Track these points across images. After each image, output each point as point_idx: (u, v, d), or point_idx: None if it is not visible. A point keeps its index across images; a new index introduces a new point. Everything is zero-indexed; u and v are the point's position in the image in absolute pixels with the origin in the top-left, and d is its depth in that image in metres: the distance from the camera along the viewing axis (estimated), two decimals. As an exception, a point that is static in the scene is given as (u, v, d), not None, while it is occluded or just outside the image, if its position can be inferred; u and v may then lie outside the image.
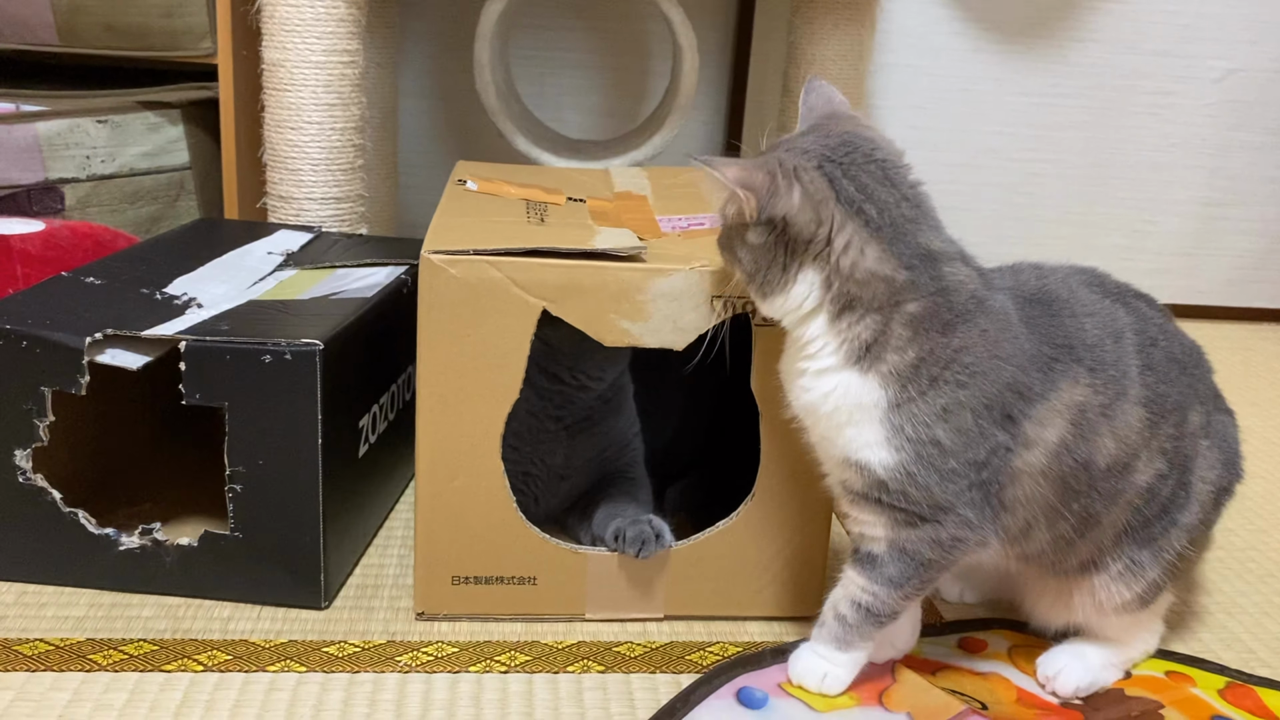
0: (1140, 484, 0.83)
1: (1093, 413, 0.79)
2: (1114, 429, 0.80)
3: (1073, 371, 0.79)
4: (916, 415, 0.76)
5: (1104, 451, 0.80)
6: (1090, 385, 0.79)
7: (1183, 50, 1.93)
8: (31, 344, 0.87)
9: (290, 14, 1.25)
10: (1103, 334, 0.82)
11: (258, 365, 0.86)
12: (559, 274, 0.85)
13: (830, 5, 1.45)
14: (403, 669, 0.86)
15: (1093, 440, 0.80)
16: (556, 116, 1.83)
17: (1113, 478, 0.81)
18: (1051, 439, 0.79)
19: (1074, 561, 0.86)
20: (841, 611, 0.84)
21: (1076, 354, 0.80)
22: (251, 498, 0.90)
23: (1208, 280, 2.07)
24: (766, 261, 0.77)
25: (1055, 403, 0.78)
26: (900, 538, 0.80)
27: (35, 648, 0.85)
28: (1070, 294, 0.84)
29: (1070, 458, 0.79)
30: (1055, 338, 0.80)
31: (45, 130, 1.31)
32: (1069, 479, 0.80)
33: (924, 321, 0.76)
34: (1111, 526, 0.84)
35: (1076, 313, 0.82)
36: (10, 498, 0.90)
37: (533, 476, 1.01)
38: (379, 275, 1.09)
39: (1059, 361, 0.79)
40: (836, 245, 0.76)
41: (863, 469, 0.79)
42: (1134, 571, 0.85)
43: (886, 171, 0.78)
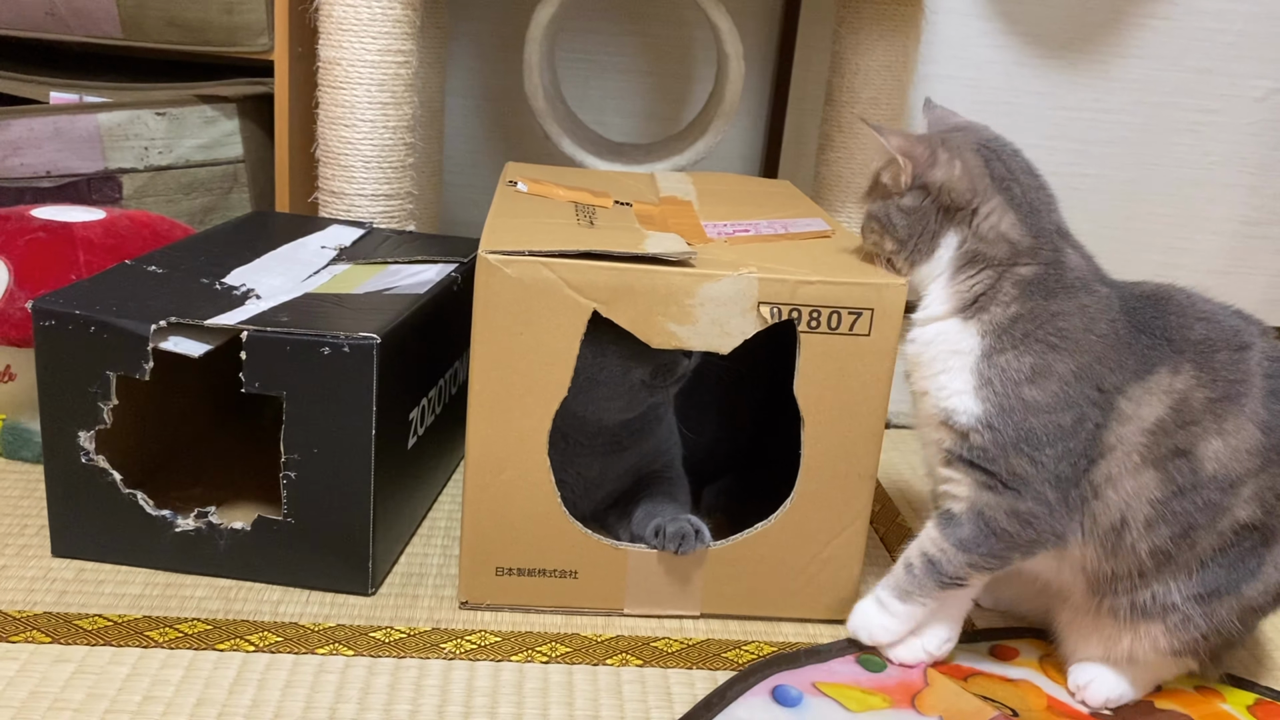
0: (1238, 519, 0.82)
1: (1198, 404, 0.82)
2: (1224, 433, 0.82)
3: (1172, 361, 0.83)
4: (1006, 368, 0.83)
5: (1211, 453, 0.82)
6: (1195, 377, 0.82)
7: (1226, 69, 1.92)
8: (99, 329, 0.90)
9: (347, 14, 1.28)
10: (1216, 339, 0.84)
11: (316, 356, 0.89)
12: (610, 276, 0.87)
13: (876, 16, 1.46)
14: (447, 656, 0.89)
15: (1198, 434, 0.81)
16: (599, 119, 1.86)
17: (1218, 491, 0.81)
18: (1148, 416, 0.81)
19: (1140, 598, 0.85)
20: (911, 561, 0.89)
21: (1178, 346, 0.83)
22: (304, 485, 0.92)
23: (1245, 299, 2.02)
24: (920, 226, 0.88)
25: (1152, 384, 0.82)
26: (980, 500, 0.84)
27: (95, 623, 0.88)
28: (1190, 303, 0.87)
29: (1171, 442, 0.81)
30: (1155, 330, 0.84)
31: (106, 121, 1.35)
32: (1171, 468, 0.81)
33: (1031, 284, 0.84)
34: (1198, 558, 0.83)
35: (1188, 316, 0.85)
36: (73, 478, 0.93)
37: (568, 484, 1.03)
38: (430, 272, 1.11)
39: (1156, 350, 0.83)
40: (982, 212, 0.86)
41: (950, 418, 0.85)
42: (1185, 625, 0.85)
43: (1029, 165, 0.91)
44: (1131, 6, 1.88)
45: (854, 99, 1.50)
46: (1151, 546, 0.83)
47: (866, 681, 0.90)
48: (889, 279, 0.90)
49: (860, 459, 0.93)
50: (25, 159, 1.32)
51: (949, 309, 0.86)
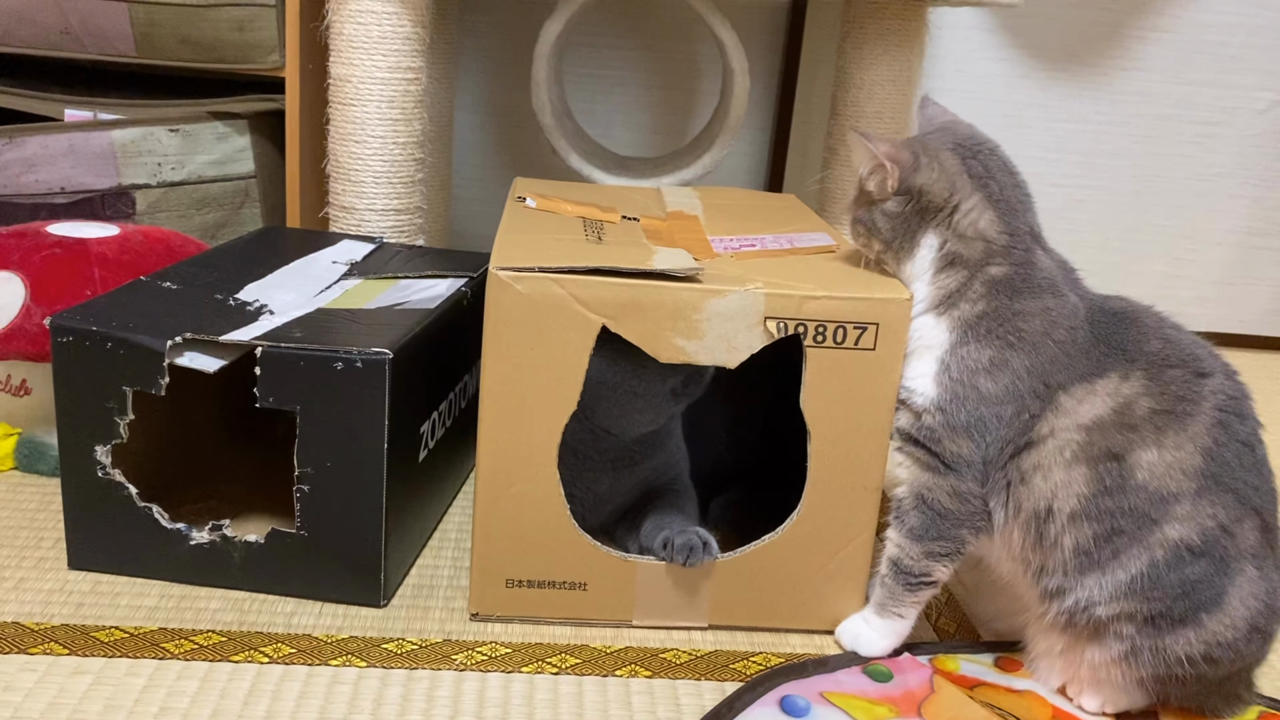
0: (1169, 537, 0.82)
1: (1140, 412, 0.83)
2: (1161, 446, 0.82)
3: (1123, 368, 0.85)
4: (965, 359, 0.87)
5: (1145, 462, 0.83)
6: (1143, 386, 0.84)
7: (1228, 81, 1.94)
8: (115, 345, 0.92)
9: (357, 31, 1.30)
10: (1172, 356, 0.86)
11: (329, 372, 0.90)
12: (619, 292, 0.88)
13: (880, 31, 1.48)
14: (458, 667, 0.90)
15: (1134, 441, 0.83)
16: (606, 133, 1.88)
17: (1145, 501, 0.82)
18: (1087, 414, 0.84)
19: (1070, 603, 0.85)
20: (881, 572, 0.94)
21: (1131, 356, 0.86)
22: (318, 498, 0.94)
23: (1248, 309, 2.08)
24: (903, 228, 0.90)
25: (1099, 385, 0.85)
26: (920, 482, 0.89)
27: (111, 634, 0.89)
28: (1157, 323, 0.89)
29: (1105, 443, 0.83)
30: (1114, 341, 0.87)
31: (120, 138, 1.37)
32: (1101, 469, 0.83)
33: (999, 284, 0.88)
34: (1125, 570, 0.83)
35: (1150, 333, 0.87)
36: (90, 491, 0.95)
37: (577, 499, 1.04)
38: (440, 287, 1.13)
39: (1110, 358, 0.86)
40: (961, 209, 0.89)
41: (910, 398, 0.89)
42: (1134, 657, 0.84)
43: (1005, 162, 0.93)
44: (1133, 19, 1.90)
45: (858, 113, 1.51)
46: (1075, 543, 0.84)
47: (873, 691, 0.91)
48: (894, 294, 0.91)
49: (866, 472, 0.95)
50: (40, 175, 1.34)
51: (926, 305, 0.90)
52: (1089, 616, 0.85)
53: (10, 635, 0.88)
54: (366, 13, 1.28)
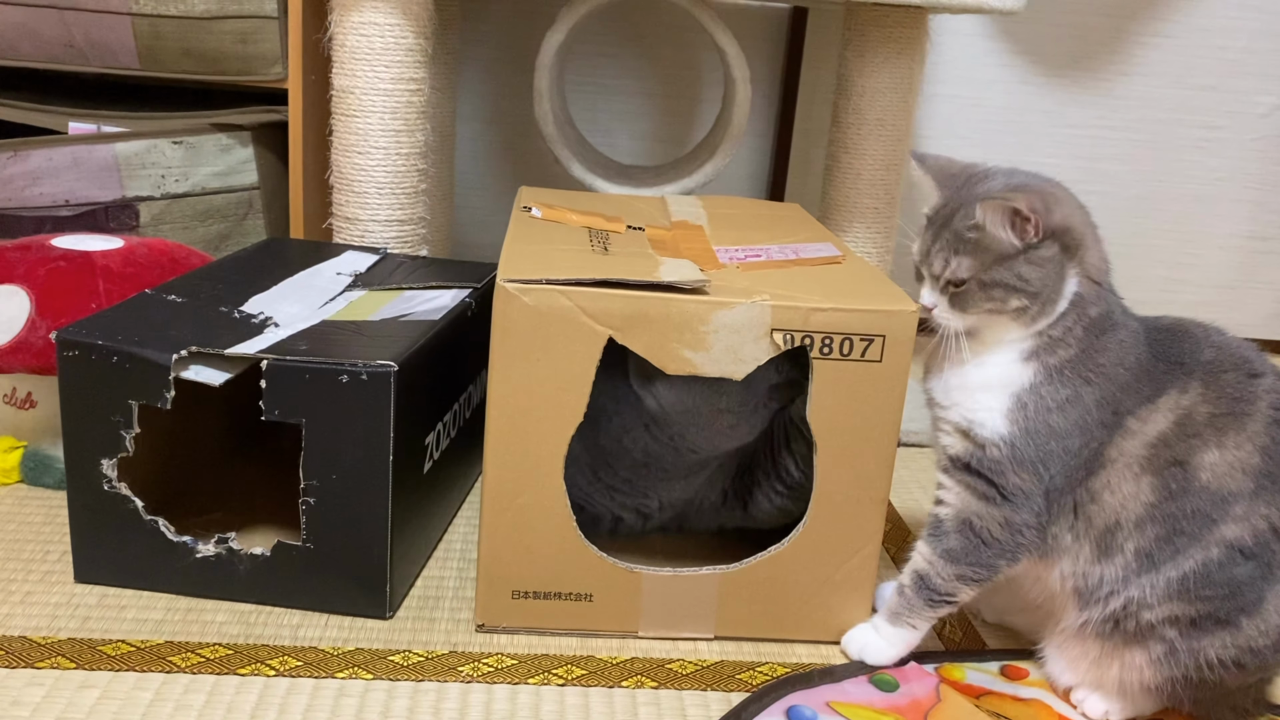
0: (1225, 537, 0.83)
1: (1200, 418, 0.85)
2: (1222, 447, 0.84)
3: (1181, 381, 0.86)
4: (1043, 399, 0.86)
5: (1206, 464, 0.84)
6: (1201, 394, 0.85)
7: (1230, 85, 1.94)
8: (121, 359, 0.92)
9: (360, 43, 1.30)
10: (1225, 361, 0.87)
11: (335, 384, 0.90)
12: (626, 304, 0.89)
13: (881, 39, 1.48)
14: (465, 679, 0.90)
15: (1196, 446, 0.84)
16: (608, 141, 1.88)
17: (1208, 501, 0.83)
18: (1152, 431, 0.85)
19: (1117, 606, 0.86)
20: (903, 582, 0.93)
21: (1188, 369, 0.87)
22: (323, 510, 0.94)
23: (1251, 313, 2.07)
24: (1053, 275, 0.86)
25: (1160, 403, 0.86)
26: (970, 509, 0.88)
27: (118, 648, 0.89)
28: (1205, 333, 0.90)
29: (1171, 453, 0.84)
30: (1170, 356, 0.88)
31: (124, 150, 1.37)
32: (1167, 475, 0.84)
33: (1094, 325, 0.87)
34: (1179, 569, 0.84)
35: (1200, 342, 0.88)
36: (96, 505, 0.95)
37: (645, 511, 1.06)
38: (445, 298, 1.13)
39: (1169, 375, 0.87)
40: (1086, 245, 0.87)
41: (974, 432, 0.88)
42: (1171, 658, 0.85)
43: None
44: (1134, 25, 1.90)
45: (860, 120, 1.51)
46: (1138, 546, 0.85)
47: (879, 701, 0.91)
48: (901, 305, 0.91)
49: (873, 483, 0.95)
50: (45, 188, 1.34)
51: (1018, 353, 0.88)
52: (1136, 620, 0.86)
53: (17, 649, 0.88)
54: (369, 25, 1.29)
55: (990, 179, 0.89)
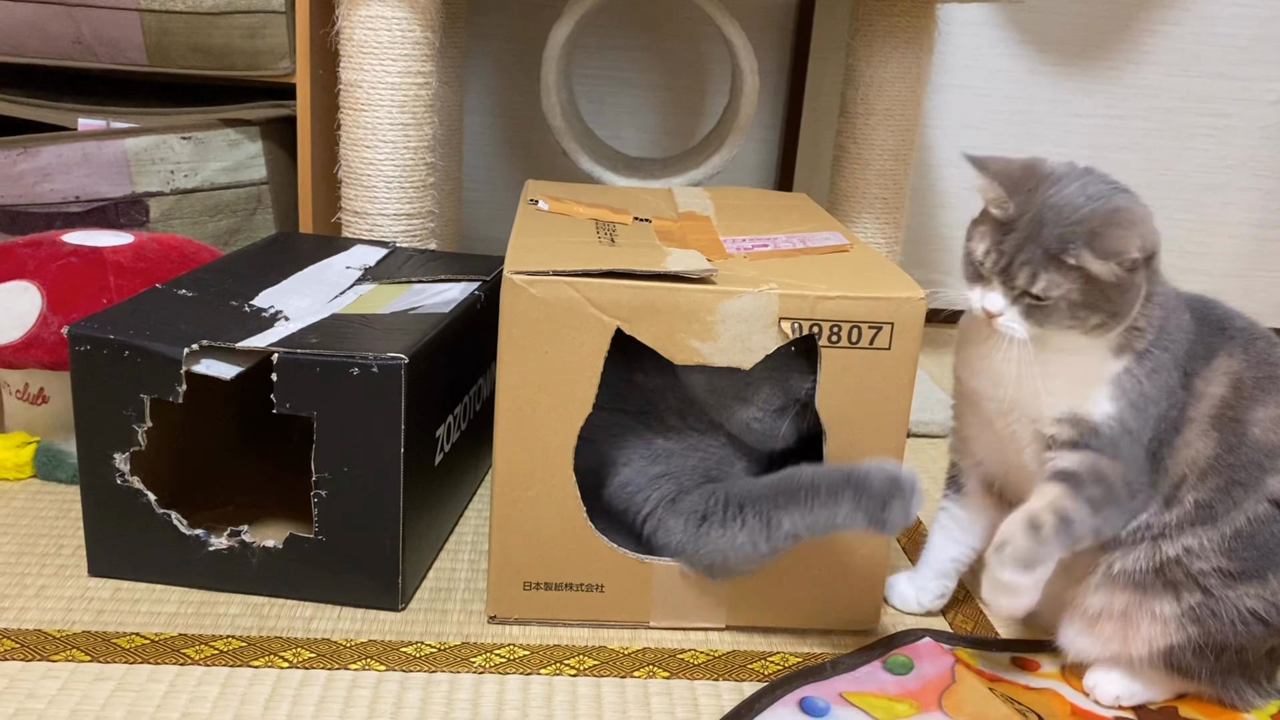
0: (1271, 489, 0.87)
1: (1249, 381, 0.89)
2: (1266, 405, 0.88)
3: (1228, 346, 0.90)
4: (1135, 374, 0.88)
5: (1258, 421, 0.88)
6: (1244, 359, 0.89)
7: (1239, 73, 1.93)
8: (133, 354, 0.92)
9: (368, 37, 1.30)
10: (1253, 330, 0.92)
11: (346, 377, 0.91)
12: (633, 294, 0.89)
13: (889, 29, 1.47)
14: (477, 670, 0.90)
15: (1249, 406, 0.88)
16: (616, 134, 1.88)
17: (1260, 453, 0.87)
18: (1216, 393, 0.88)
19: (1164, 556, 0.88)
20: (1040, 520, 0.85)
21: (1229, 334, 0.91)
22: (335, 503, 0.94)
23: (1262, 301, 2.07)
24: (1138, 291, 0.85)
25: (1216, 367, 0.89)
26: (1102, 466, 0.87)
27: (132, 640, 0.90)
28: (1218, 302, 0.95)
29: (1231, 413, 0.88)
30: (1211, 321, 0.92)
31: (133, 146, 1.37)
32: (1228, 433, 0.88)
33: (1159, 304, 0.88)
34: (1232, 524, 0.87)
35: (1226, 310, 0.94)
36: (109, 499, 0.95)
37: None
38: (454, 291, 1.13)
39: (1215, 338, 0.90)
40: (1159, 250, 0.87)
41: (1080, 421, 0.88)
42: (1205, 608, 0.87)
43: None
44: (1142, 13, 1.89)
45: (869, 111, 1.51)
46: (1198, 497, 0.88)
47: (893, 687, 0.91)
48: (909, 293, 0.91)
49: (882, 471, 0.94)
50: (55, 184, 1.35)
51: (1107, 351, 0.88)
52: (1186, 568, 0.88)
53: (33, 643, 0.89)
54: (376, 18, 1.29)
55: (1064, 184, 0.86)
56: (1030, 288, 0.84)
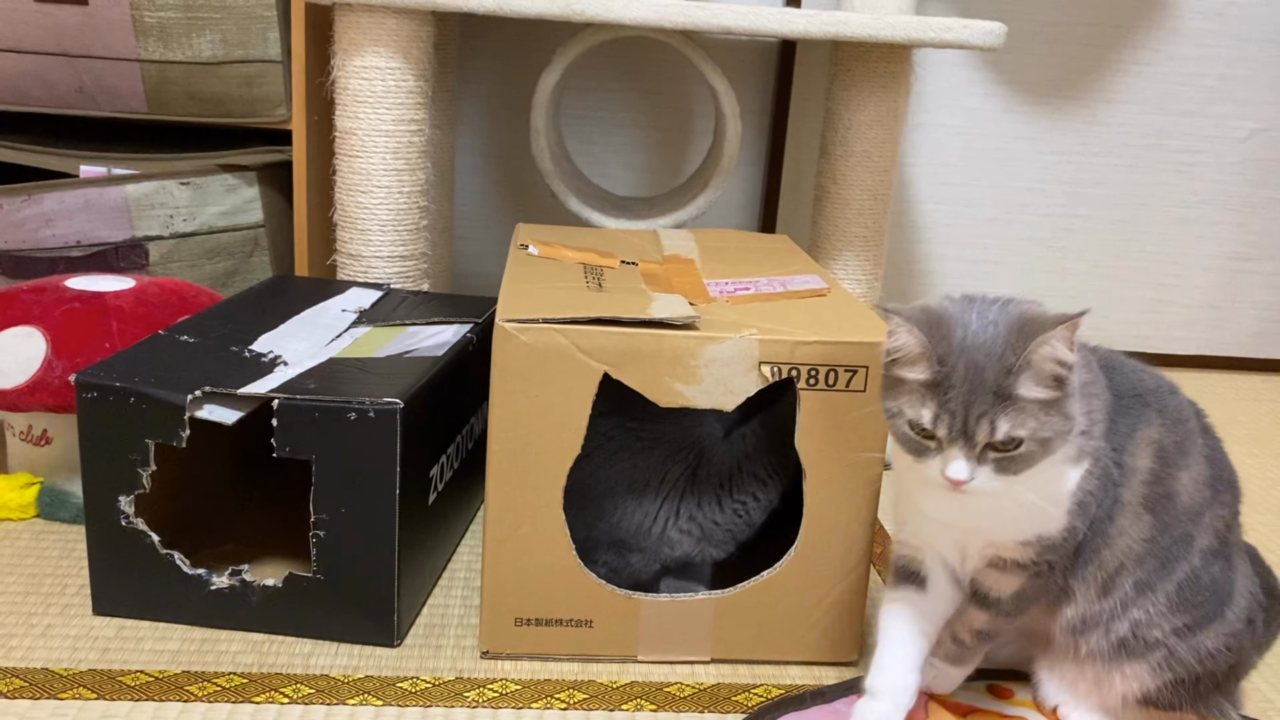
0: (1201, 546, 0.88)
1: (1170, 448, 0.88)
2: (1188, 468, 0.88)
3: (1145, 414, 0.88)
4: (1087, 477, 0.85)
5: (1183, 487, 0.88)
6: (1161, 425, 0.88)
7: (1209, 110, 1.99)
8: (138, 400, 0.96)
9: (362, 86, 1.35)
10: (1160, 386, 0.91)
11: (343, 422, 0.94)
12: (619, 340, 0.93)
13: (866, 74, 1.52)
14: (470, 704, 0.93)
15: (1174, 473, 0.88)
16: (603, 173, 1.92)
17: (1187, 521, 0.88)
18: (1144, 467, 0.87)
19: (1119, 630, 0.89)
20: (960, 638, 0.92)
21: (1144, 399, 0.89)
22: (333, 543, 0.97)
23: (1234, 333, 2.12)
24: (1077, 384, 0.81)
25: (1140, 439, 0.87)
26: (1026, 586, 0.88)
27: (137, 678, 0.93)
28: (1124, 360, 0.93)
29: (1160, 487, 0.87)
30: (1125, 389, 0.89)
31: (134, 192, 1.41)
32: (1159, 510, 0.87)
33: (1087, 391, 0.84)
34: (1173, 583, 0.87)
35: (1135, 369, 0.92)
36: (114, 540, 0.99)
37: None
38: (447, 334, 1.17)
39: (1133, 407, 0.88)
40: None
41: (1040, 539, 0.85)
42: (1172, 660, 0.88)
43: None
44: (1115, 54, 1.95)
45: (848, 152, 1.56)
46: (1136, 579, 0.88)
47: None
48: (882, 337, 0.95)
49: (860, 508, 0.98)
50: (57, 230, 1.38)
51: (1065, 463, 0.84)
52: (1143, 639, 0.89)
53: (40, 681, 0.91)
54: (371, 68, 1.33)
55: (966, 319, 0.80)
56: (994, 438, 0.78)
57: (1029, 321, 0.78)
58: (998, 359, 0.78)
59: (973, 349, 0.78)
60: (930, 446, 0.80)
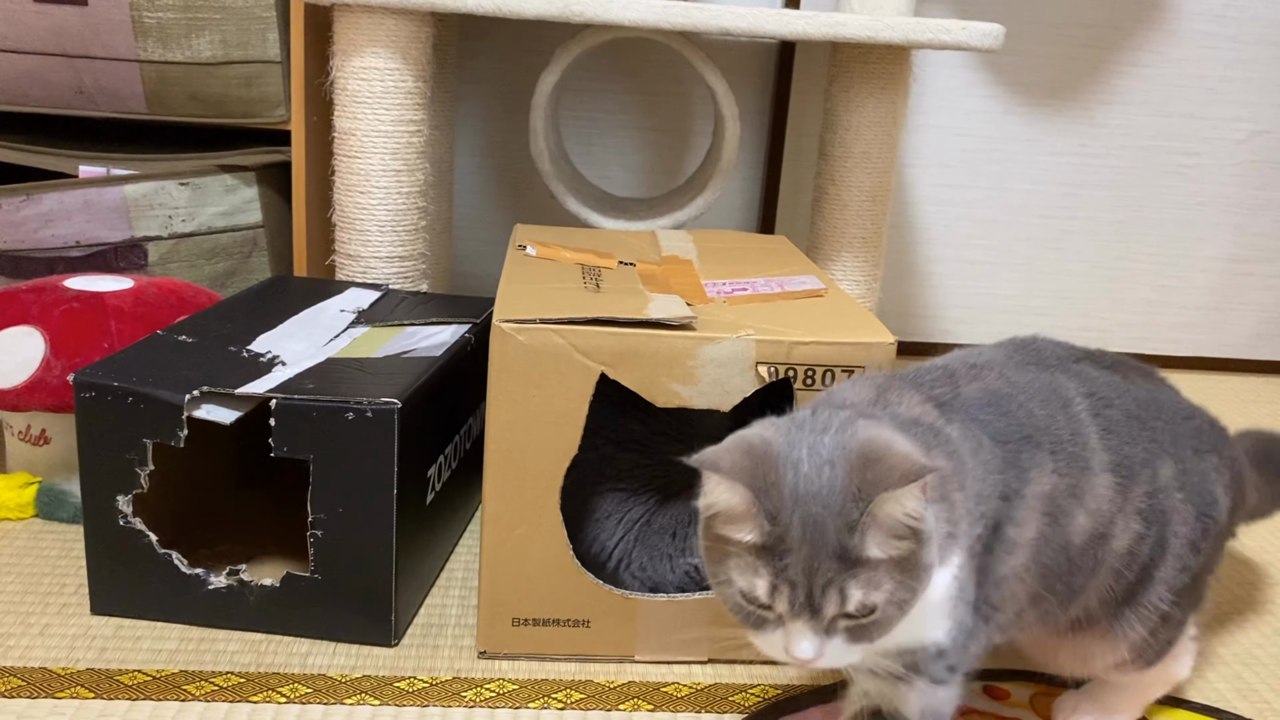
0: (1120, 549, 0.82)
1: (1062, 497, 0.78)
2: (1085, 505, 0.79)
3: (1037, 459, 0.77)
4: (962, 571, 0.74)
5: (1079, 529, 0.79)
6: (1055, 470, 0.77)
7: (1208, 112, 1.99)
8: (136, 400, 0.96)
9: (361, 87, 1.35)
10: (1052, 411, 0.79)
11: (341, 422, 0.94)
12: (616, 341, 0.93)
13: (865, 75, 1.52)
14: (468, 704, 0.93)
15: (1066, 523, 0.78)
16: (602, 174, 1.92)
17: (1091, 550, 0.80)
18: (1030, 536, 0.77)
19: (1064, 625, 0.87)
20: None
21: (1035, 440, 0.77)
22: (330, 543, 0.97)
23: (1233, 334, 2.12)
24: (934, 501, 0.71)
25: (1029, 499, 0.76)
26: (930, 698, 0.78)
27: (135, 678, 0.93)
28: (1010, 385, 0.81)
29: (1049, 548, 0.78)
30: (1012, 434, 0.77)
31: (132, 192, 1.41)
32: (1049, 566, 0.79)
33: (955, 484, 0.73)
34: (1096, 592, 0.84)
35: (1022, 402, 0.79)
36: (112, 539, 0.99)
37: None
38: (445, 334, 1.17)
39: (1023, 453, 0.77)
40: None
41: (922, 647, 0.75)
42: (1122, 631, 0.86)
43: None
44: (1114, 55, 1.95)
45: (846, 154, 1.56)
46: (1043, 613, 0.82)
47: None
48: (878, 338, 0.95)
49: (856, 508, 0.98)
50: (56, 230, 1.39)
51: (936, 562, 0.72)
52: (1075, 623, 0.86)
53: (39, 680, 0.92)
54: (370, 69, 1.33)
55: (796, 458, 0.67)
56: (845, 609, 0.66)
57: (870, 463, 0.65)
58: (838, 512, 0.65)
59: (808, 499, 0.65)
60: (769, 618, 0.68)
